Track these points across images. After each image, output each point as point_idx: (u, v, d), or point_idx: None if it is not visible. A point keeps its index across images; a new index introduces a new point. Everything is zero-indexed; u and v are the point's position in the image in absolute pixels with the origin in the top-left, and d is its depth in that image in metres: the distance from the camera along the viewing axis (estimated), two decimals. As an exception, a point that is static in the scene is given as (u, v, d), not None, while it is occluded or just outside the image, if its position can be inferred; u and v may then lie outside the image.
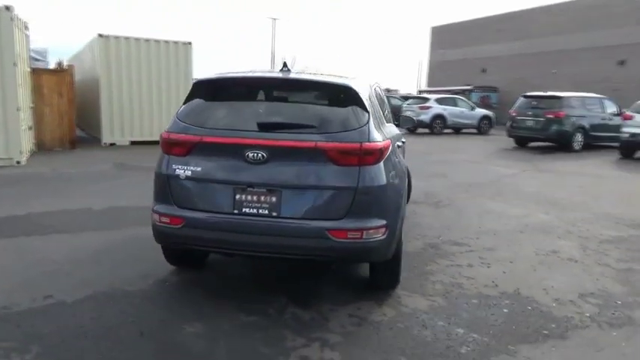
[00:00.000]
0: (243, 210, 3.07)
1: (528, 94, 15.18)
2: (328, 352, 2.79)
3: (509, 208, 6.69)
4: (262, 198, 3.06)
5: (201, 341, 2.89)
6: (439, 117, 19.39)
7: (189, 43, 13.52)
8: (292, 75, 3.39)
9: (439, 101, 19.91)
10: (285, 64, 3.59)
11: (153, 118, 13.23)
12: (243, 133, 3.08)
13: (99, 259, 4.22)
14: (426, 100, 20.11)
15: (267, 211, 3.04)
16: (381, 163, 3.13)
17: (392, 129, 4.20)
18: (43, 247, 4.51)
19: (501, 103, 29.99)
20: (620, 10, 24.94)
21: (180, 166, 3.17)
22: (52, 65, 16.10)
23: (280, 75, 3.39)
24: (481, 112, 20.97)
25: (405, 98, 25.05)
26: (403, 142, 3.61)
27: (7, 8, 9.05)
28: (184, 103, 3.43)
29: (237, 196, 3.08)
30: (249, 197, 3.07)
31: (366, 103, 3.27)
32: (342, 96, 3.27)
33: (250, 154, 3.02)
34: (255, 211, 3.06)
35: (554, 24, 28.65)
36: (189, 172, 3.14)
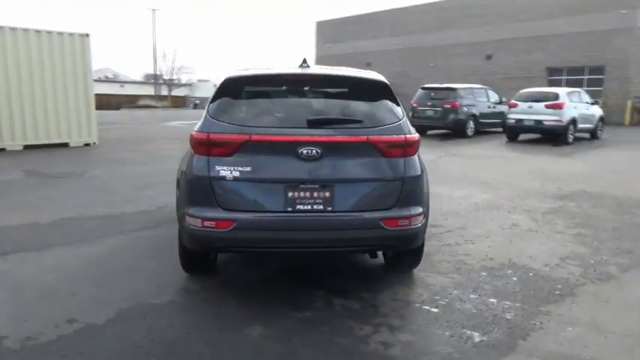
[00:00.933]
0: (297, 207, 3.07)
1: (426, 86, 16.51)
2: (400, 335, 2.95)
3: (451, 190, 7.34)
4: (315, 194, 3.08)
5: (275, 342, 2.85)
6: (341, 109, 20.08)
7: (87, 35, 12.36)
8: (327, 71, 3.44)
9: (340, 94, 20.63)
10: (304, 60, 3.61)
11: (49, 119, 11.89)
12: (294, 130, 3.07)
13: (93, 276, 3.84)
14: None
15: (321, 207, 3.08)
16: (417, 154, 3.35)
17: None
18: (15, 269, 3.96)
19: (387, 94, 32.00)
20: (486, 10, 28.03)
21: (225, 167, 3.05)
22: None
23: (317, 71, 3.42)
24: (377, 103, 22.16)
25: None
26: None
27: None
28: (212, 101, 3.29)
29: (290, 194, 3.07)
30: (302, 194, 3.07)
31: (397, 97, 3.45)
32: (378, 91, 3.41)
33: (304, 151, 3.02)
34: (309, 207, 3.07)
35: (429, 22, 31.22)
36: (237, 173, 3.04)
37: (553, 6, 25.12)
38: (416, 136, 3.31)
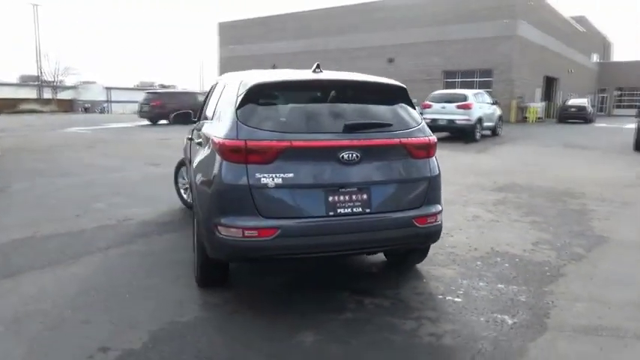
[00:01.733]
0: (338, 211, 3.11)
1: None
2: (443, 325, 3.13)
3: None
4: (354, 197, 3.15)
5: (334, 345, 2.87)
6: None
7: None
8: (352, 76, 3.52)
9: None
10: (318, 66, 3.66)
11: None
12: (335, 135, 3.11)
13: (95, 299, 3.51)
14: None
15: (360, 209, 3.16)
16: (435, 155, 3.56)
17: None
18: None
19: (295, 96, 32.43)
20: (387, 15, 29.57)
21: (266, 175, 3.00)
22: None
23: (343, 76, 3.48)
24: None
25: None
26: None
27: None
28: (239, 107, 3.19)
29: (330, 198, 3.10)
30: (341, 198, 3.12)
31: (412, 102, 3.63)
32: (398, 95, 3.55)
33: (345, 156, 3.08)
34: (349, 210, 3.13)
35: (332, 25, 32.17)
36: (280, 180, 3.01)
37: (447, 14, 27.30)
38: (435, 138, 3.52)
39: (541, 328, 3.09)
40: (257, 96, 3.24)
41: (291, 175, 3.03)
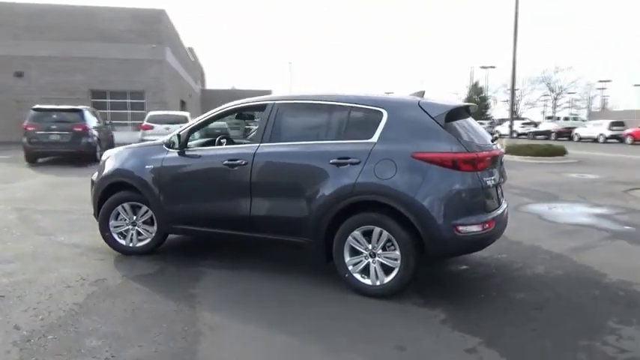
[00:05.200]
0: (501, 202, 4.24)
1: (41, 107, 14.09)
2: (555, 271, 4.73)
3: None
4: (499, 191, 4.31)
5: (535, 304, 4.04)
6: None
7: None
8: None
9: None
10: (423, 93, 4.50)
11: None
12: (495, 146, 4.20)
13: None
14: None
15: (502, 200, 4.36)
16: None
17: None
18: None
19: None
20: (8, 19, 24.91)
21: (486, 178, 3.83)
22: None
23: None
24: None
25: None
26: None
27: None
28: (444, 127, 3.77)
29: (495, 192, 4.18)
30: (498, 192, 4.25)
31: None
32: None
33: (501, 160, 4.24)
34: (501, 201, 4.30)
35: None
36: (492, 181, 3.90)
37: (89, 31, 25.64)
38: None
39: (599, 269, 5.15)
40: (449, 117, 3.88)
41: (494, 177, 3.96)
